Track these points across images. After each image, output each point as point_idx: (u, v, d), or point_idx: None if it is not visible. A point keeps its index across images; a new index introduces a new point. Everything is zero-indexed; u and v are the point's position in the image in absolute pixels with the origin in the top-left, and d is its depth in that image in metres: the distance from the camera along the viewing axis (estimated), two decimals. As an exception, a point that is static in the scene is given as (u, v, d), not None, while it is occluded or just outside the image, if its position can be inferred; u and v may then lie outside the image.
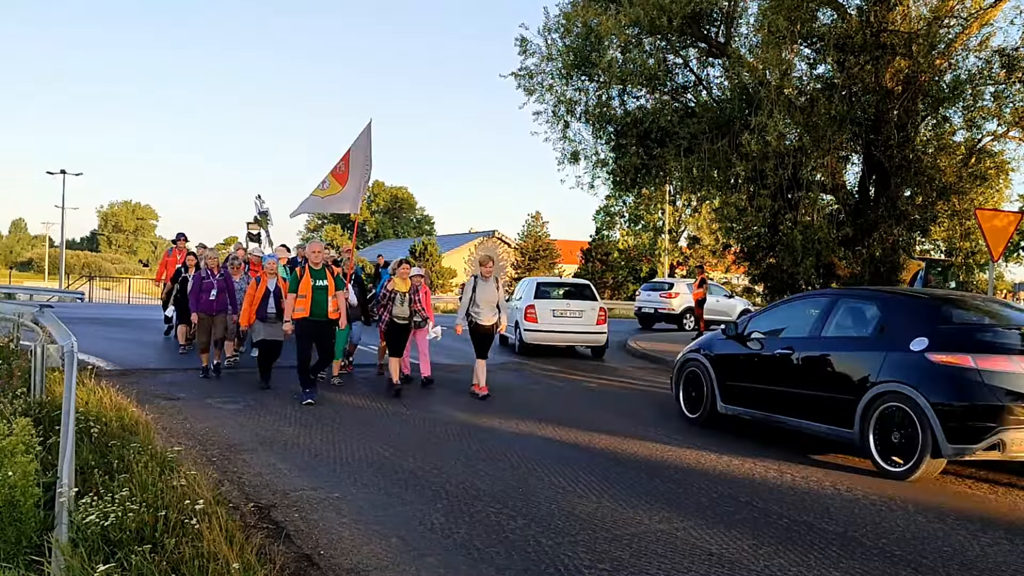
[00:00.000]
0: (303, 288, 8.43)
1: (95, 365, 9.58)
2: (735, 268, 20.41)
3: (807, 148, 13.25)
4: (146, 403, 7.48)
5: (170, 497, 4.03)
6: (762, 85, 13.18)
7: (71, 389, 4.20)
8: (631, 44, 14.50)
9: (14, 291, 20.46)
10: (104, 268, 63.68)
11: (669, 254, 43.36)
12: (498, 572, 3.96)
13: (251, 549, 3.74)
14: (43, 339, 6.56)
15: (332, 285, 8.58)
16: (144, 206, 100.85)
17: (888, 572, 4.18)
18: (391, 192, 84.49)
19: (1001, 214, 11.82)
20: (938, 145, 14.43)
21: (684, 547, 4.40)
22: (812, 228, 14.01)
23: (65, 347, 4.62)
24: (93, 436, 5.29)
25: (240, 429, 7.04)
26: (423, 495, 5.21)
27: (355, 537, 4.36)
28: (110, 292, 36.46)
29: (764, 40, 13.38)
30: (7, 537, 3.64)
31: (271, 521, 4.59)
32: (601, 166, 16.66)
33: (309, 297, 8.41)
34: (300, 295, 8.43)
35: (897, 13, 13.81)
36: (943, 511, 5.36)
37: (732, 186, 15.48)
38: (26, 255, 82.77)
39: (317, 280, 8.49)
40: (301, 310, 8.40)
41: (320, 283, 8.48)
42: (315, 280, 8.47)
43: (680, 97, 15.82)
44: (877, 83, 13.77)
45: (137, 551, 3.37)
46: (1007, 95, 13.51)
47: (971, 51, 13.89)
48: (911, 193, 14.53)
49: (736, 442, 7.28)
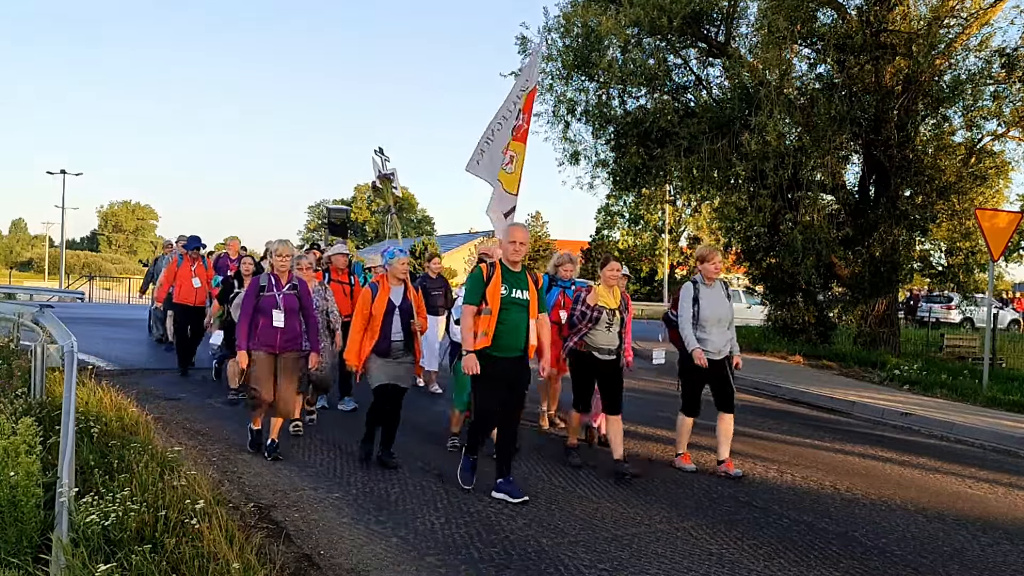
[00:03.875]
0: (492, 299, 5.10)
1: (95, 365, 9.58)
2: (735, 268, 20.43)
3: (807, 148, 13.26)
4: (146, 403, 7.48)
5: (170, 497, 4.03)
6: (762, 85, 13.18)
7: (71, 389, 4.20)
8: (631, 44, 14.50)
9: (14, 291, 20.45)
10: (104, 268, 63.68)
11: (669, 254, 43.36)
12: (498, 572, 3.96)
13: (251, 549, 3.74)
14: (43, 339, 6.56)
15: (535, 300, 5.29)
16: (144, 206, 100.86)
17: (888, 572, 4.19)
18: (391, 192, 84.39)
19: (1001, 214, 11.83)
20: (938, 145, 14.44)
21: (684, 547, 4.41)
22: (812, 228, 14.02)
23: (65, 347, 4.61)
24: (93, 436, 5.29)
25: (240, 429, 7.04)
26: (423, 495, 5.21)
27: (355, 537, 4.36)
28: (110, 292, 36.44)
29: (764, 40, 13.39)
30: (8, 537, 3.64)
31: (271, 521, 4.59)
32: (601, 166, 16.68)
33: (495, 317, 5.08)
34: (486, 308, 5.11)
35: (897, 13, 13.83)
36: (943, 511, 5.36)
37: (732, 186, 15.49)
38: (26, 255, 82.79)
39: (514, 289, 5.16)
40: (482, 336, 5.09)
41: (519, 295, 5.18)
42: (511, 289, 5.15)
43: (680, 97, 15.83)
44: (877, 83, 13.78)
45: (137, 551, 3.37)
46: (1007, 95, 13.53)
47: (971, 51, 13.90)
48: (911, 193, 14.54)
49: (736, 442, 7.28)
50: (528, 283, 5.26)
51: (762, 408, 9.91)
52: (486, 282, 5.12)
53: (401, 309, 5.93)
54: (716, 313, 6.01)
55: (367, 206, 76.69)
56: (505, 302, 5.07)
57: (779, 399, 10.72)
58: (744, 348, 17.71)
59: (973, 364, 13.59)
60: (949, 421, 8.84)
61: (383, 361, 5.85)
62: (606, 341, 5.94)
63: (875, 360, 13.84)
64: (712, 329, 6.00)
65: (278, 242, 6.23)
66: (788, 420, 9.08)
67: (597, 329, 5.90)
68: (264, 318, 5.97)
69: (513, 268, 5.21)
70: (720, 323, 6.03)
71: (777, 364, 14.01)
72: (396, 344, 5.89)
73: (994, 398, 10.61)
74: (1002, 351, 15.43)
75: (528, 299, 5.19)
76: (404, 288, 6.04)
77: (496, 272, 5.15)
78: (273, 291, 6.04)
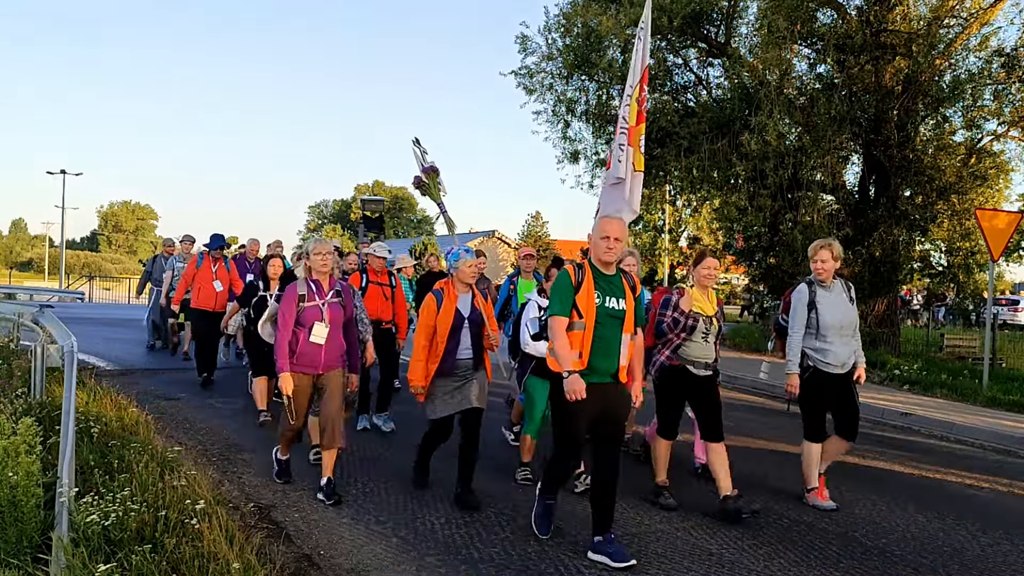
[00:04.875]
0: (586, 311, 4.10)
1: (95, 365, 9.60)
2: (735, 268, 20.44)
3: (807, 148, 13.27)
4: (146, 403, 7.48)
5: (170, 497, 4.04)
6: (762, 85, 13.19)
7: (71, 389, 4.19)
8: (631, 44, 14.50)
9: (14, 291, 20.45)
10: (104, 268, 63.68)
11: (669, 254, 43.36)
12: (498, 572, 3.96)
13: (251, 549, 3.74)
14: (43, 339, 6.55)
15: (631, 310, 4.25)
16: (144, 206, 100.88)
17: (888, 572, 4.19)
18: (391, 192, 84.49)
19: (1001, 214, 11.83)
20: (938, 145, 14.44)
21: (684, 547, 4.41)
22: (812, 228, 14.02)
23: (65, 347, 4.61)
24: (93, 436, 5.29)
25: (240, 429, 7.04)
26: (423, 495, 5.21)
27: (355, 537, 4.36)
28: (110, 292, 36.45)
29: (764, 40, 13.40)
30: (8, 537, 3.64)
31: (271, 521, 4.59)
32: (601, 166, 16.67)
33: (589, 333, 4.10)
34: (577, 322, 4.10)
35: (897, 13, 13.83)
36: (943, 511, 5.36)
37: (732, 186, 15.50)
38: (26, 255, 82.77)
39: (609, 297, 4.17)
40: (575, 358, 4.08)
41: (614, 304, 4.17)
42: (605, 297, 4.16)
43: (680, 97, 15.84)
44: (877, 83, 13.78)
45: (137, 551, 3.38)
46: (1007, 95, 13.53)
47: (971, 51, 13.91)
48: (911, 193, 14.54)
49: (733, 442, 7.28)
50: (624, 289, 4.26)
51: (761, 408, 9.92)
52: (576, 288, 4.14)
53: (471, 321, 5.07)
54: (838, 319, 5.14)
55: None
56: (600, 314, 4.12)
57: (779, 399, 10.72)
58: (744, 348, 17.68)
59: (973, 364, 13.60)
60: (949, 421, 8.84)
61: (446, 382, 5.00)
62: (702, 353, 5.09)
63: (875, 360, 13.84)
64: (834, 338, 5.13)
65: (314, 240, 5.16)
66: (787, 420, 9.06)
67: (692, 340, 5.06)
68: (303, 332, 4.99)
69: (606, 270, 4.22)
70: (843, 331, 5.16)
71: (778, 364, 14.01)
72: (463, 362, 5.04)
73: (994, 398, 10.61)
74: (1002, 351, 15.44)
75: (625, 309, 4.21)
76: (472, 296, 5.15)
77: (586, 276, 4.16)
78: (315, 300, 5.03)
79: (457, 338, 5.00)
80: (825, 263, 5.18)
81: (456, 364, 5.00)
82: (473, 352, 5.08)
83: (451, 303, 5.03)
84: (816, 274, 5.24)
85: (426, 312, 5.02)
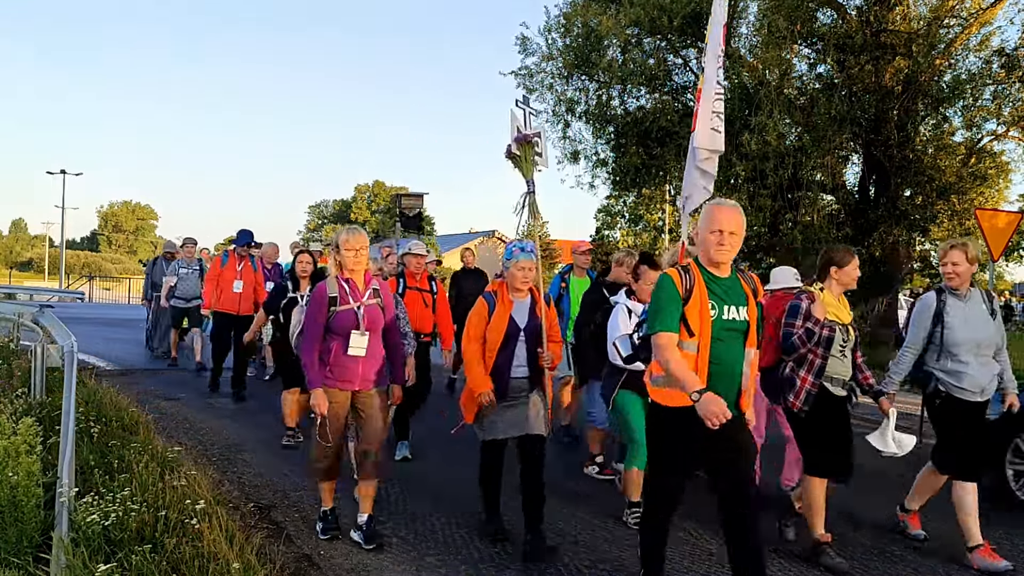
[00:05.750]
0: (700, 326, 3.29)
1: (95, 365, 9.60)
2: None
3: (807, 148, 13.28)
4: (146, 403, 7.48)
5: (170, 497, 4.04)
6: (762, 85, 13.19)
7: (71, 389, 4.19)
8: (631, 44, 14.52)
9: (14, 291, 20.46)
10: (104, 268, 63.64)
11: (669, 254, 43.38)
12: (498, 572, 3.96)
13: (251, 549, 3.74)
14: (43, 339, 6.55)
15: (755, 320, 3.42)
16: (144, 206, 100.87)
17: (888, 572, 4.19)
18: (391, 192, 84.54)
19: (1001, 214, 11.83)
20: (938, 145, 14.45)
21: (684, 547, 4.41)
22: (812, 228, 14.03)
23: (65, 347, 4.61)
24: (93, 436, 5.29)
25: (241, 429, 7.04)
26: (424, 495, 5.21)
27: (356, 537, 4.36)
28: (110, 292, 36.49)
29: (764, 40, 13.41)
30: (9, 537, 3.64)
31: (271, 521, 4.59)
32: (601, 166, 16.69)
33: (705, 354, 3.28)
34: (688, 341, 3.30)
35: (897, 13, 13.84)
36: (944, 511, 5.35)
37: (732, 186, 15.50)
38: (26, 255, 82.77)
39: (727, 306, 3.34)
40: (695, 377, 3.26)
41: (734, 314, 3.35)
42: (722, 306, 3.33)
43: (680, 97, 15.84)
44: (877, 83, 13.78)
45: (137, 551, 3.38)
46: (1007, 95, 13.54)
47: (971, 51, 13.92)
48: (911, 193, 14.55)
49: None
50: (745, 293, 3.37)
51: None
52: (684, 298, 3.26)
53: (527, 332, 4.27)
54: (973, 335, 4.28)
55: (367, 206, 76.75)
56: (717, 328, 3.26)
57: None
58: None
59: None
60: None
61: (499, 404, 4.22)
62: (839, 370, 4.30)
63: (876, 361, 13.84)
64: (969, 358, 4.27)
65: (345, 230, 4.29)
66: (788, 420, 9.06)
67: (830, 355, 4.26)
68: (337, 342, 4.18)
69: (719, 272, 3.34)
70: (981, 350, 4.30)
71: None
72: (517, 383, 4.24)
73: (994, 398, 10.59)
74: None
75: (747, 320, 3.35)
76: (531, 302, 4.35)
77: (696, 281, 3.28)
78: (349, 302, 4.19)
79: (510, 352, 4.22)
80: (957, 267, 4.29)
81: (509, 384, 4.20)
82: (529, 369, 4.28)
83: (505, 310, 4.24)
84: (946, 280, 4.37)
85: (477, 318, 4.27)
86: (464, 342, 4.30)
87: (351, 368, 4.19)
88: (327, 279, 4.33)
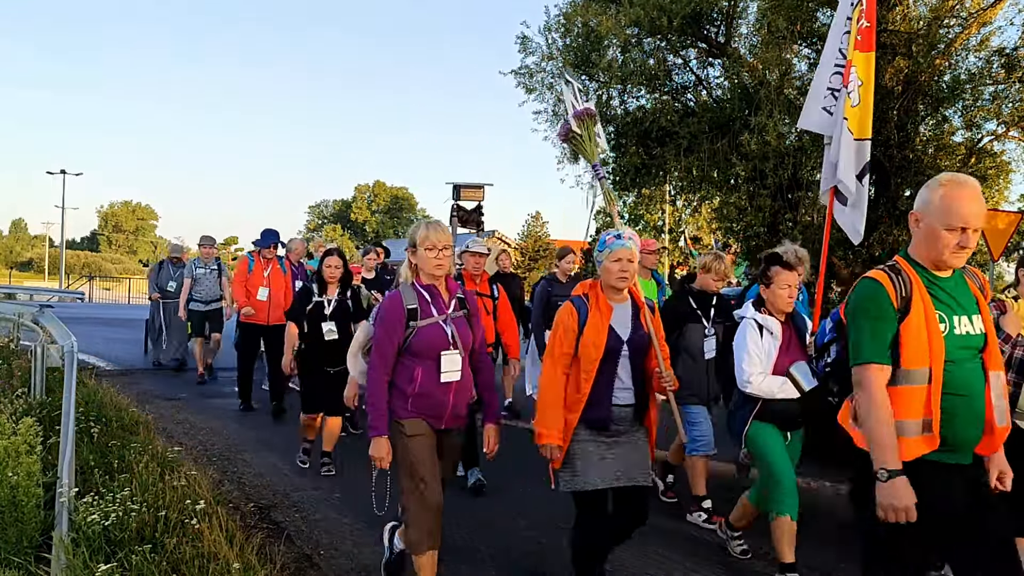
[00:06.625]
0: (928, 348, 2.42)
1: (95, 365, 9.60)
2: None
3: (807, 148, 13.28)
4: (146, 403, 7.49)
5: (170, 497, 4.04)
6: (762, 85, 13.19)
7: (71, 389, 4.20)
8: (631, 44, 14.52)
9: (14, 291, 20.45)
10: (104, 268, 63.66)
11: (669, 254, 43.42)
12: (499, 572, 3.96)
13: (251, 549, 3.74)
14: (43, 339, 6.55)
15: (992, 330, 2.58)
16: (144, 206, 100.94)
17: (888, 572, 4.18)
18: (391, 192, 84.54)
19: (1001, 214, 11.85)
20: (938, 145, 14.45)
21: (685, 547, 4.41)
22: (812, 228, 14.03)
23: (65, 347, 4.62)
24: (93, 436, 5.29)
25: (241, 429, 7.05)
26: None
27: (356, 537, 4.36)
28: (110, 292, 36.51)
29: (764, 40, 13.41)
30: (9, 537, 3.65)
31: (271, 521, 4.59)
32: (601, 165, 16.68)
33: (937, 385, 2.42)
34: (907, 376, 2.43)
35: (897, 13, 13.84)
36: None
37: (732, 186, 15.52)
38: (26, 255, 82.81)
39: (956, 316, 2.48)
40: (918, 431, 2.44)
41: (967, 326, 2.50)
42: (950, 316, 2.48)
43: (680, 97, 15.84)
44: (877, 83, 13.78)
45: (138, 551, 3.38)
46: (1007, 95, 13.55)
47: (971, 51, 13.91)
48: (911, 193, 14.56)
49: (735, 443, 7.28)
50: (975, 297, 2.55)
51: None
52: (902, 310, 2.44)
53: (631, 346, 3.34)
54: None
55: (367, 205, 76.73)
56: (951, 348, 2.43)
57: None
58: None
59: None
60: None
61: (593, 438, 3.30)
62: None
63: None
64: None
65: (424, 224, 3.34)
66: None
67: None
68: (422, 367, 3.26)
69: (941, 272, 2.51)
70: None
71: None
72: (621, 412, 3.32)
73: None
74: (1002, 351, 15.44)
75: (984, 333, 2.51)
76: (633, 307, 3.42)
77: (915, 285, 2.47)
78: (433, 314, 3.30)
79: (613, 371, 3.29)
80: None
81: (611, 413, 3.28)
82: (635, 396, 3.34)
83: (602, 319, 3.30)
84: None
85: (562, 330, 3.32)
86: (546, 364, 3.38)
87: (441, 401, 3.27)
88: (401, 286, 3.41)
